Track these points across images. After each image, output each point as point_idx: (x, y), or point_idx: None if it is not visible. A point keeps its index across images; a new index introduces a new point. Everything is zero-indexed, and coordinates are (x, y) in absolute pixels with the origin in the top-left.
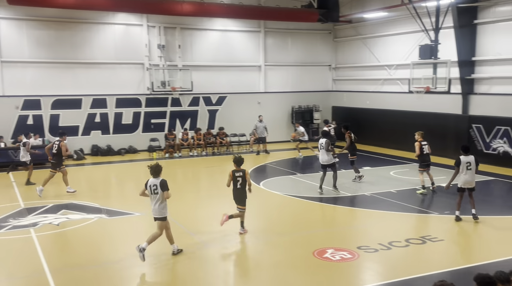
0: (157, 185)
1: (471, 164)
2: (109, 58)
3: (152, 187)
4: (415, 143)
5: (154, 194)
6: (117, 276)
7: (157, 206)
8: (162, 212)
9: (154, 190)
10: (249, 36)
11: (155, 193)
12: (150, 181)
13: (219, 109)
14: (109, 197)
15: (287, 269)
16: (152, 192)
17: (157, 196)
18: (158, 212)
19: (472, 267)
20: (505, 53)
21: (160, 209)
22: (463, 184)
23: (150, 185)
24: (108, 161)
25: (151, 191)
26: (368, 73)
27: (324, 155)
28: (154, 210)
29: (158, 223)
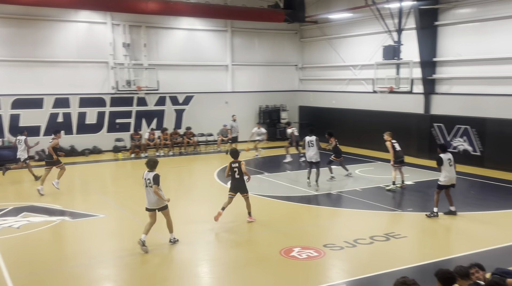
0: (151, 179)
1: (451, 160)
2: (72, 57)
3: (146, 181)
4: (386, 143)
5: (149, 187)
6: (82, 278)
7: (154, 199)
8: (160, 202)
9: (148, 183)
10: (216, 35)
11: (149, 186)
12: (145, 174)
13: (186, 109)
14: (72, 199)
15: (254, 268)
16: (147, 185)
17: (151, 189)
18: (156, 204)
19: (433, 263)
20: (465, 54)
21: (157, 201)
22: (447, 182)
23: (145, 178)
24: (71, 162)
25: (146, 184)
26: (333, 73)
27: (311, 152)
28: (150, 202)
29: (164, 212)
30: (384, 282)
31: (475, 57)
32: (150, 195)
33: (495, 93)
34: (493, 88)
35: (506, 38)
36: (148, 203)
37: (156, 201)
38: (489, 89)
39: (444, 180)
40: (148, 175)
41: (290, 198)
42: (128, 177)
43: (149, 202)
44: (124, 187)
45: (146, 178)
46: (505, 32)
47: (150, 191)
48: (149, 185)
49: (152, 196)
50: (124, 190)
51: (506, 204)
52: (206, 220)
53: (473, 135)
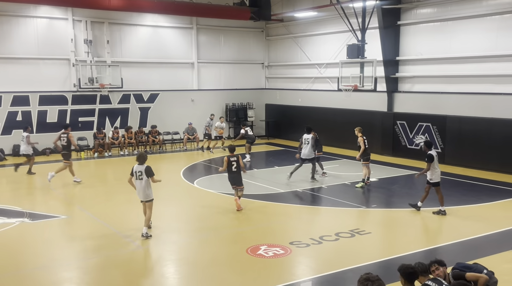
0: (142, 172)
1: (437, 156)
2: (31, 53)
3: (137, 173)
4: (359, 139)
5: (139, 179)
6: (43, 281)
7: (142, 191)
8: (148, 194)
9: (139, 176)
10: (181, 32)
11: (140, 178)
12: (135, 167)
13: (151, 107)
14: (32, 200)
15: (221, 267)
16: (137, 178)
17: (142, 182)
18: (143, 196)
19: (396, 258)
20: (426, 53)
21: (146, 192)
22: (438, 178)
23: (135, 171)
24: None
25: (137, 177)
26: (299, 71)
27: (306, 150)
28: (140, 194)
29: (147, 204)
30: (349, 278)
31: (435, 56)
32: (140, 188)
33: (455, 91)
34: (453, 86)
35: (465, 37)
36: (138, 194)
37: (143, 193)
38: (449, 87)
39: (438, 177)
40: (139, 168)
41: (257, 196)
42: (91, 176)
43: (138, 193)
44: (87, 187)
45: (137, 170)
46: (464, 32)
47: (139, 183)
48: (139, 177)
49: (142, 188)
50: (86, 191)
51: (466, 199)
52: (172, 219)
53: (434, 132)
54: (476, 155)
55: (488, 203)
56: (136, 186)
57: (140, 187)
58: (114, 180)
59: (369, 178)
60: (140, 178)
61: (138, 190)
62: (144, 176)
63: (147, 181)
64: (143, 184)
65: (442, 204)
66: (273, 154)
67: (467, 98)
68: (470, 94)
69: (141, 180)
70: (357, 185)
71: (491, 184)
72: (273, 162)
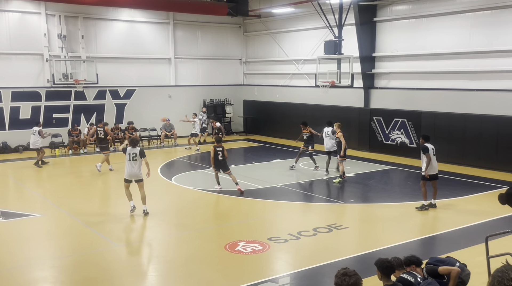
0: (136, 153)
1: (434, 150)
2: (3, 48)
3: (131, 155)
4: (339, 135)
5: (133, 160)
6: (17, 280)
7: (136, 170)
8: (139, 174)
9: (133, 157)
10: (158, 28)
11: (133, 159)
12: (128, 149)
13: (128, 103)
14: (5, 198)
15: (199, 264)
16: (131, 159)
17: (135, 162)
18: (136, 175)
19: (373, 252)
20: (401, 50)
21: (138, 172)
22: (434, 171)
23: (129, 153)
24: (4, 159)
25: (130, 158)
26: (277, 67)
27: (328, 143)
28: (132, 174)
29: (139, 184)
30: (327, 272)
31: (411, 52)
32: (133, 168)
33: (430, 87)
34: (428, 82)
35: (440, 34)
36: (129, 175)
37: (136, 173)
38: (424, 84)
39: (432, 170)
40: (133, 150)
41: (235, 192)
42: (66, 174)
43: (130, 174)
44: (62, 185)
45: (131, 152)
46: (438, 29)
47: (133, 164)
48: (133, 159)
49: (135, 168)
50: (61, 188)
51: (440, 193)
52: (150, 217)
53: (409, 128)
54: (450, 150)
55: (462, 197)
56: (129, 167)
57: (134, 168)
58: (90, 177)
59: (344, 173)
60: (135, 159)
61: (130, 171)
62: (138, 157)
63: (141, 161)
64: (137, 164)
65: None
66: (251, 150)
67: (442, 94)
68: (445, 90)
69: (135, 160)
70: (335, 181)
71: (465, 178)
72: (251, 158)
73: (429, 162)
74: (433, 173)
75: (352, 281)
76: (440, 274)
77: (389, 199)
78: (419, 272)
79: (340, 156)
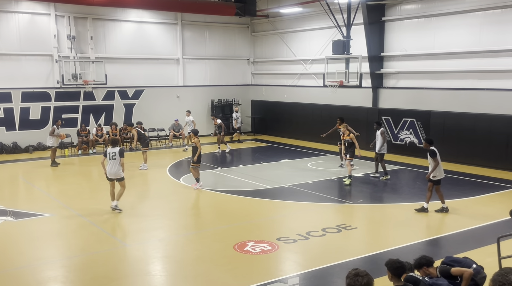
0: (116, 152)
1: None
2: (13, 49)
3: (111, 154)
4: (352, 136)
5: (113, 159)
6: (28, 280)
7: (115, 170)
8: (119, 173)
9: (113, 156)
10: (166, 28)
11: (113, 158)
12: (109, 150)
13: (136, 103)
14: (16, 198)
15: (208, 264)
16: (111, 158)
17: (115, 161)
18: (115, 175)
19: (383, 253)
20: (410, 49)
21: (118, 171)
22: (440, 175)
23: (109, 153)
24: (14, 159)
25: (110, 157)
26: (285, 67)
27: (379, 144)
28: (112, 173)
29: (120, 183)
30: (336, 273)
31: (420, 52)
32: (113, 167)
33: (439, 87)
34: (437, 82)
35: (449, 33)
36: (109, 173)
37: (115, 172)
38: (433, 83)
39: (440, 174)
40: (113, 149)
41: (243, 192)
42: (75, 174)
43: (110, 172)
44: (72, 185)
45: (111, 152)
46: (447, 28)
47: (113, 163)
48: (113, 158)
49: (115, 167)
50: (71, 188)
51: (450, 194)
52: (158, 216)
53: (418, 128)
54: (460, 150)
55: (472, 197)
56: (109, 166)
57: (113, 167)
58: (98, 177)
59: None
60: (114, 158)
61: (110, 170)
62: (118, 156)
63: (119, 161)
64: (116, 163)
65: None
66: (259, 150)
67: (451, 94)
68: (454, 90)
69: (115, 160)
70: (346, 182)
71: (475, 178)
72: (259, 158)
73: (437, 166)
74: (441, 177)
75: (364, 282)
76: (452, 276)
77: (398, 200)
78: (432, 272)
79: (349, 156)
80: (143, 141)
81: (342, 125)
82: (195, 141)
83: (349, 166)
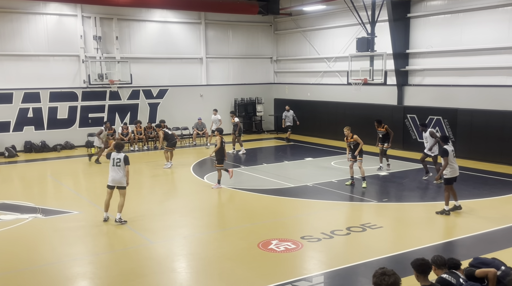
0: (121, 159)
1: (454, 151)
2: (41, 50)
3: (115, 160)
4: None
5: (117, 166)
6: (57, 276)
7: (119, 177)
8: (122, 181)
9: (117, 162)
10: (190, 28)
11: (117, 165)
12: (113, 154)
13: (161, 103)
14: (44, 196)
15: (232, 262)
16: (115, 164)
17: (119, 168)
18: (119, 181)
19: (408, 252)
20: (436, 46)
21: (121, 179)
22: (453, 174)
23: (113, 158)
24: (42, 158)
25: (114, 163)
26: (308, 65)
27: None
28: (116, 180)
29: (121, 191)
30: (361, 272)
31: (446, 48)
32: (117, 173)
33: (466, 84)
34: (464, 79)
35: (476, 29)
36: (112, 180)
37: (119, 179)
38: (460, 80)
39: (450, 173)
40: (118, 155)
41: (267, 190)
42: (101, 172)
43: (113, 179)
44: (98, 183)
45: (115, 157)
46: (474, 24)
47: (117, 170)
48: (117, 164)
49: (119, 174)
50: (98, 186)
51: (478, 193)
52: (182, 215)
53: (445, 126)
54: (488, 148)
55: (500, 196)
56: (112, 173)
57: (117, 174)
58: None
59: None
60: (118, 164)
61: (113, 177)
62: (122, 163)
63: (124, 168)
64: (121, 170)
65: (447, 202)
66: (282, 148)
67: (479, 91)
68: (482, 87)
69: (119, 166)
70: (363, 186)
71: (504, 177)
72: (283, 156)
73: (446, 165)
74: (454, 176)
75: (391, 281)
76: (479, 278)
77: (424, 198)
78: (461, 274)
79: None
80: (170, 141)
81: (346, 128)
82: (217, 138)
83: (362, 168)
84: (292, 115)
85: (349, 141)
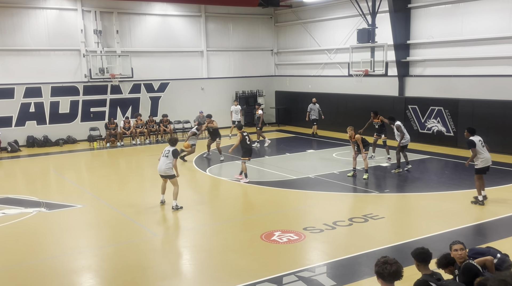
0: (170, 151)
1: (482, 141)
2: (42, 45)
3: (165, 151)
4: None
5: (165, 156)
6: (62, 269)
7: (164, 167)
8: (168, 171)
9: (166, 154)
10: (190, 21)
11: (165, 156)
12: (166, 148)
13: (162, 96)
14: (48, 190)
15: (236, 253)
16: (164, 155)
17: (166, 159)
18: (164, 172)
19: (410, 242)
20: (437, 36)
21: (167, 170)
22: (485, 164)
23: (164, 150)
24: (45, 152)
25: (163, 154)
26: (309, 57)
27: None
28: (160, 170)
29: (171, 180)
30: (363, 262)
31: (447, 39)
32: (162, 164)
33: (467, 74)
34: (465, 69)
35: (477, 19)
36: (158, 170)
37: (164, 169)
38: (461, 71)
39: (481, 163)
40: (168, 148)
41: (269, 182)
42: (104, 166)
43: (159, 169)
44: (101, 176)
45: (166, 149)
46: (475, 14)
47: (164, 160)
48: (165, 155)
49: (163, 165)
50: (101, 180)
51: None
52: (186, 207)
53: (446, 116)
54: (489, 138)
55: (501, 186)
56: (160, 162)
57: (162, 164)
58: (127, 169)
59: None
60: (166, 155)
61: (159, 166)
62: (170, 154)
63: (171, 160)
64: (166, 161)
65: (479, 192)
66: (283, 141)
67: (480, 81)
68: (483, 77)
69: (167, 157)
70: (364, 177)
71: (506, 167)
72: (284, 149)
73: (474, 156)
74: (486, 165)
75: (393, 269)
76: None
77: (426, 189)
78: (465, 254)
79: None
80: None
81: (349, 128)
82: (236, 136)
83: (366, 160)
84: (318, 108)
85: (353, 140)
